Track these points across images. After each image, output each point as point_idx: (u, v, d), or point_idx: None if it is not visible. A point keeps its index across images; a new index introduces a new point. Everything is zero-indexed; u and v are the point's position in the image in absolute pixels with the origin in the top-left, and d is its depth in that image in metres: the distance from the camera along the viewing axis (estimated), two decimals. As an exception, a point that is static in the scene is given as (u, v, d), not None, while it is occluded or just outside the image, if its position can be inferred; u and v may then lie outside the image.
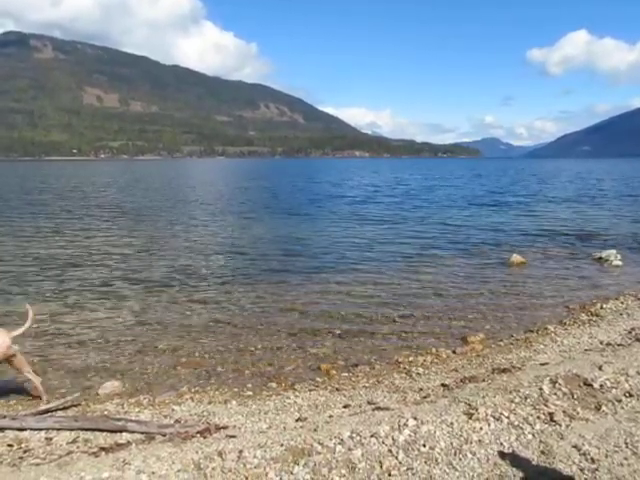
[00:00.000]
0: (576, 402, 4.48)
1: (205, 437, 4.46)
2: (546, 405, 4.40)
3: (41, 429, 4.80)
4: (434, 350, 7.38)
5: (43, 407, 5.35)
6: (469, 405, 4.44)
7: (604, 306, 9.29)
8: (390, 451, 3.78)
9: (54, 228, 19.63)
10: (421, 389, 5.81)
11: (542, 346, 7.28)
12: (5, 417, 4.95)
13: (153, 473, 3.61)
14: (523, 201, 31.67)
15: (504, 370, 5.99)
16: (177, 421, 5.09)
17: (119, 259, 13.75)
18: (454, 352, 7.31)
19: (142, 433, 4.68)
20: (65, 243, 16.38)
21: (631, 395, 4.55)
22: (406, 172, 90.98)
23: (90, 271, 12.38)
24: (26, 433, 4.75)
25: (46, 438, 4.67)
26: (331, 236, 17.75)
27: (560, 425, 4.09)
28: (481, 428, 4.06)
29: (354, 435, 4.01)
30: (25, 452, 4.39)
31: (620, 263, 12.95)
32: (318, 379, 6.52)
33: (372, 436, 3.98)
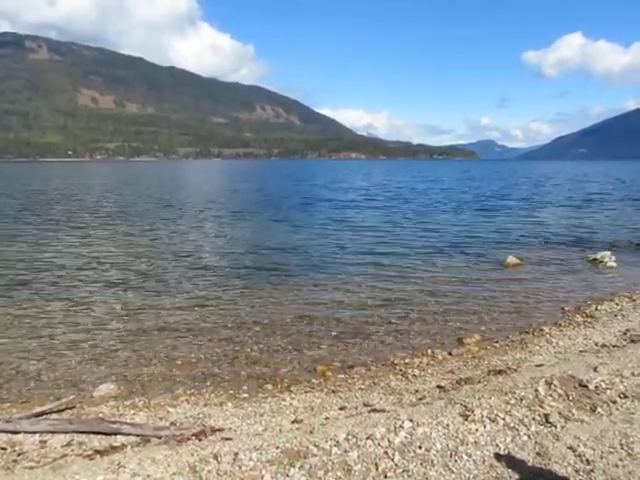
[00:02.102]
0: (571, 403, 4.48)
1: (200, 440, 4.44)
2: (541, 406, 4.40)
3: (35, 432, 4.78)
4: (430, 352, 7.38)
5: (37, 410, 5.31)
6: (465, 407, 4.44)
7: (599, 307, 9.32)
8: (386, 453, 3.78)
9: (38, 231, 19.56)
10: (417, 391, 5.81)
11: (537, 347, 7.30)
12: (-1, 420, 4.92)
13: (148, 476, 3.60)
14: (518, 204, 31.72)
15: (500, 372, 6.00)
16: (172, 423, 5.08)
17: (110, 263, 13.60)
18: (450, 354, 7.32)
19: (137, 436, 4.66)
20: (55, 247, 16.31)
21: (626, 396, 4.57)
22: (401, 175, 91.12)
23: (82, 274, 12.33)
24: (20, 436, 4.72)
25: (40, 441, 4.64)
26: (326, 239, 17.74)
27: (555, 426, 4.09)
28: (477, 430, 4.07)
29: (350, 437, 4.00)
30: (19, 455, 4.36)
31: (614, 264, 13.00)
32: (314, 381, 6.51)
33: (368, 438, 3.97)
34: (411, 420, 4.22)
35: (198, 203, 31.71)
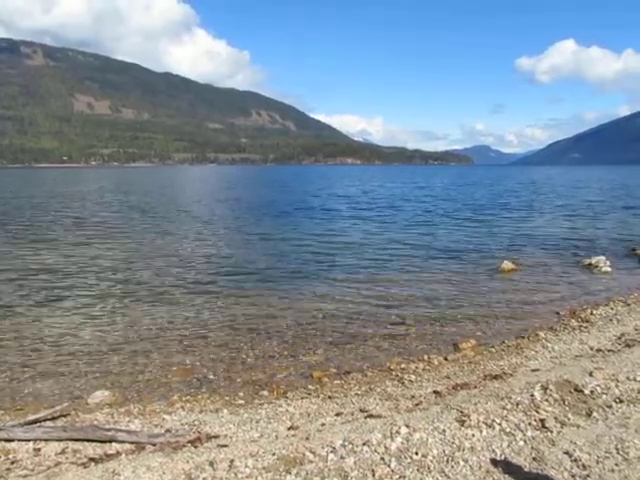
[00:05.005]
0: (567, 408, 4.49)
1: (196, 446, 4.42)
2: (537, 411, 4.40)
3: (29, 440, 4.74)
4: (426, 357, 7.38)
5: (31, 417, 5.27)
6: (461, 412, 4.44)
7: (594, 312, 9.35)
8: (382, 459, 3.77)
9: (31, 238, 19.47)
10: (413, 396, 5.80)
11: (533, 352, 7.31)
12: (-8, 428, 4.88)
13: (143, 484, 3.57)
14: (513, 210, 31.78)
15: (496, 376, 6.00)
16: (168, 430, 5.05)
17: (101, 272, 13.41)
18: (446, 359, 7.32)
19: (132, 443, 4.63)
20: (48, 253, 16.23)
21: (621, 401, 4.57)
22: (397, 180, 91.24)
23: (76, 282, 12.26)
24: (14, 444, 4.68)
25: (34, 449, 4.61)
26: (322, 244, 17.74)
27: (551, 431, 4.09)
28: (473, 435, 4.06)
29: (346, 443, 3.99)
30: (13, 463, 4.33)
31: (609, 269, 13.06)
32: (310, 387, 6.49)
33: (364, 444, 3.96)
34: (407, 426, 4.21)
35: (187, 211, 30.85)
